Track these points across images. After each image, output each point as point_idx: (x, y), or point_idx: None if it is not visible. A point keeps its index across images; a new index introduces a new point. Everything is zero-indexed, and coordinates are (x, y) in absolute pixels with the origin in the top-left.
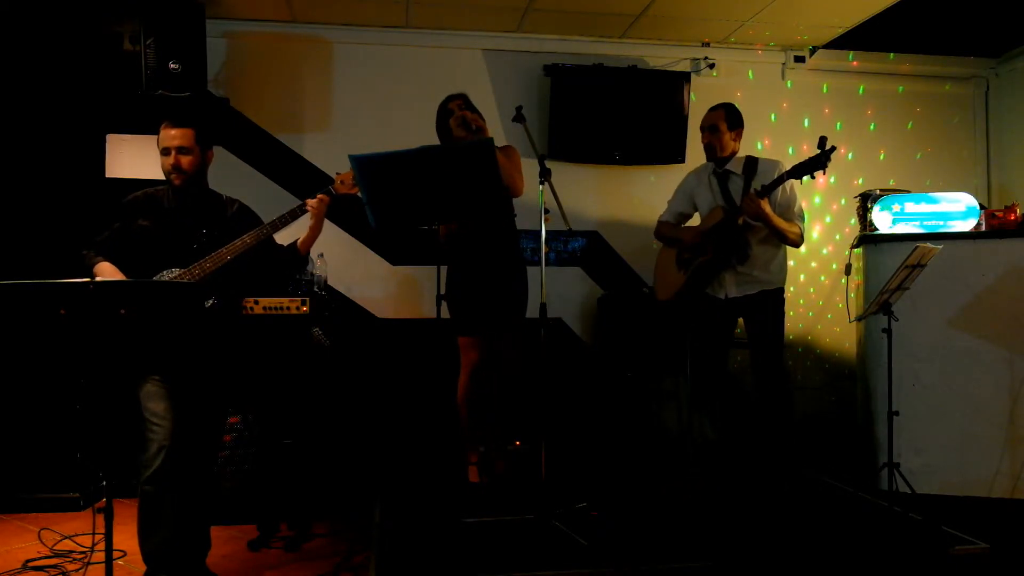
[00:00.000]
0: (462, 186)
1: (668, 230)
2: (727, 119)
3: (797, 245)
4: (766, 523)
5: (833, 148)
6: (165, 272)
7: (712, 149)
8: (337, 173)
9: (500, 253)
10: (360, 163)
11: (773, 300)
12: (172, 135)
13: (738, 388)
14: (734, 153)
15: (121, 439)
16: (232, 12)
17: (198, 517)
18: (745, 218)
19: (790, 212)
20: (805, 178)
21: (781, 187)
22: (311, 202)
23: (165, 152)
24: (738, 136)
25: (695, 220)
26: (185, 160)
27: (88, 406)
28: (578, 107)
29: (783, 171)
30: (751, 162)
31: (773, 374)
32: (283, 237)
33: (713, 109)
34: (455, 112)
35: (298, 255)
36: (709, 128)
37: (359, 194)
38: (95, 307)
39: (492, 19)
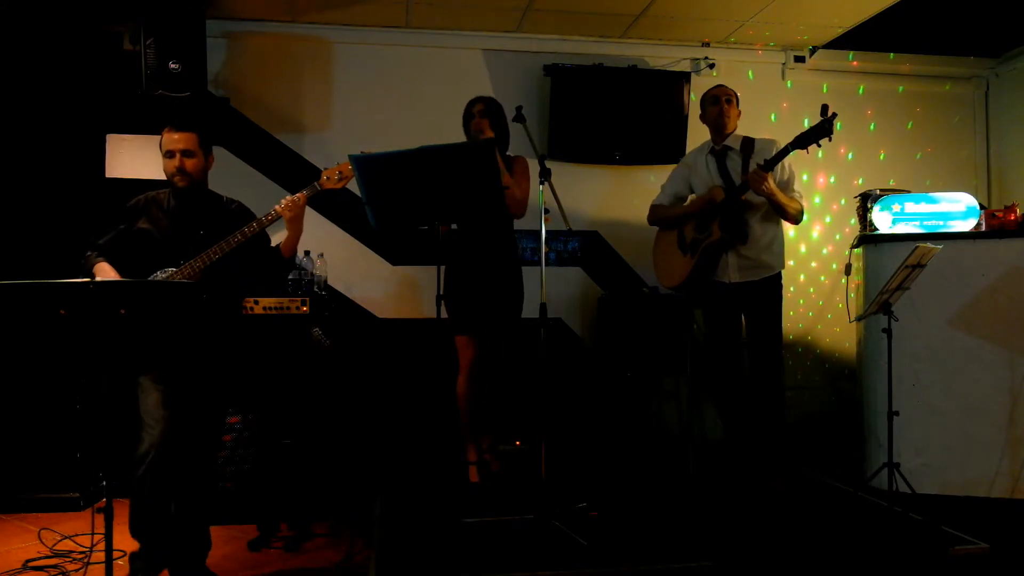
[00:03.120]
0: (462, 186)
1: (664, 211)
2: (736, 97)
3: (797, 221)
4: (766, 523)
5: (835, 115)
6: (159, 272)
7: (722, 118)
8: (324, 168)
9: (495, 254)
10: (360, 163)
11: (774, 289)
12: (176, 139)
13: (745, 389)
14: (733, 132)
15: (121, 439)
16: (232, 12)
17: (197, 517)
18: (749, 194)
19: (790, 189)
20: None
21: (780, 166)
22: (281, 204)
23: (169, 155)
24: (738, 116)
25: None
26: (189, 163)
27: (88, 406)
28: (578, 107)
29: (782, 147)
30: (748, 141)
31: (774, 370)
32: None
33: (720, 86)
34: (475, 117)
35: (281, 257)
36: (725, 98)
37: (359, 194)
38: (95, 307)
39: (492, 19)
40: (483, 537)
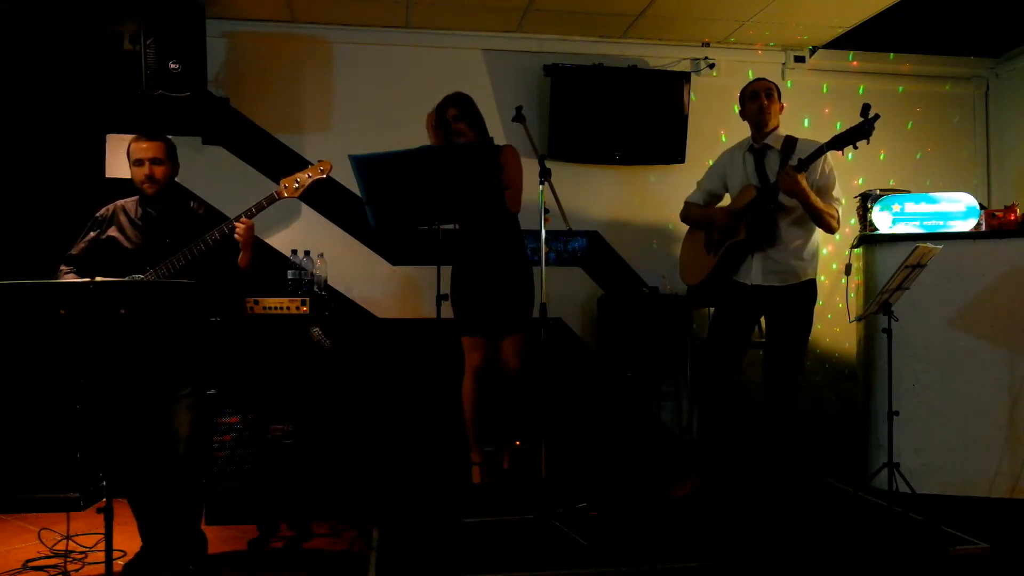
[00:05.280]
0: (462, 186)
1: (696, 212)
2: (778, 90)
3: (832, 230)
4: (766, 523)
5: (877, 116)
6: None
7: (762, 114)
8: (282, 178)
9: (504, 254)
10: (360, 163)
11: (804, 296)
12: (145, 147)
13: (743, 398)
14: (775, 129)
15: (121, 439)
16: (232, 12)
17: (185, 513)
18: (780, 195)
19: (828, 195)
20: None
21: (821, 168)
22: (240, 226)
23: (138, 163)
24: (780, 111)
25: (724, 203)
26: (158, 171)
27: (88, 406)
28: (578, 107)
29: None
30: (790, 141)
31: (786, 381)
32: (284, 238)
33: (761, 79)
34: (452, 124)
35: (238, 269)
36: (766, 92)
37: (360, 194)
38: (95, 307)
39: (492, 19)
40: (483, 537)
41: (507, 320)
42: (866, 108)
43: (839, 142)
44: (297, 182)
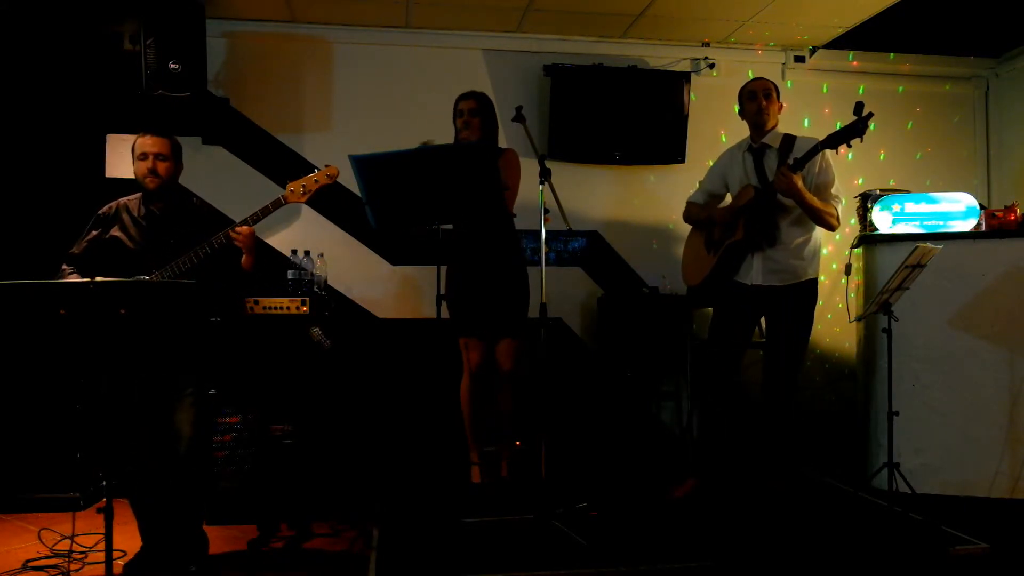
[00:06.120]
0: (461, 187)
1: (697, 211)
2: (776, 90)
3: (833, 228)
4: (766, 523)
5: (871, 114)
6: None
7: (761, 114)
8: (288, 181)
9: (501, 256)
10: (360, 163)
11: (804, 296)
12: (150, 142)
13: (743, 398)
14: (773, 128)
15: (121, 439)
16: (232, 12)
17: (186, 513)
18: (777, 196)
19: (826, 192)
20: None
21: (819, 165)
22: (236, 239)
23: (143, 157)
24: (779, 111)
25: (726, 203)
26: (161, 166)
27: (88, 406)
28: (578, 107)
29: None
30: (788, 139)
31: (784, 382)
32: (284, 238)
33: (759, 79)
34: (464, 116)
35: (242, 271)
36: (764, 92)
37: (359, 194)
38: (95, 307)
39: (492, 19)
40: (483, 537)
41: (501, 323)
42: (859, 106)
43: (833, 141)
44: (304, 187)
